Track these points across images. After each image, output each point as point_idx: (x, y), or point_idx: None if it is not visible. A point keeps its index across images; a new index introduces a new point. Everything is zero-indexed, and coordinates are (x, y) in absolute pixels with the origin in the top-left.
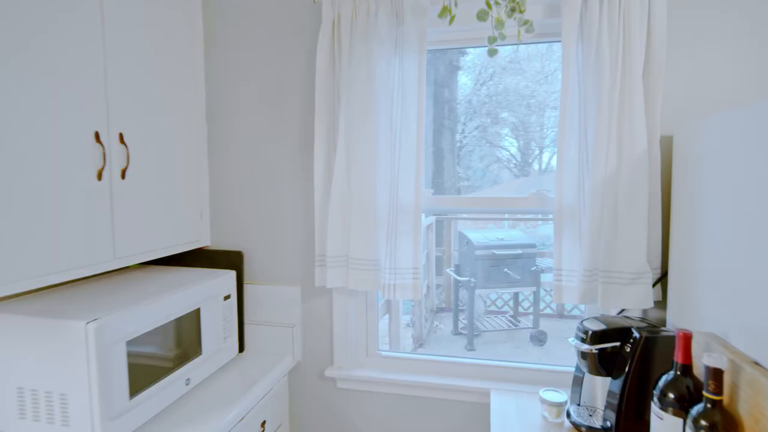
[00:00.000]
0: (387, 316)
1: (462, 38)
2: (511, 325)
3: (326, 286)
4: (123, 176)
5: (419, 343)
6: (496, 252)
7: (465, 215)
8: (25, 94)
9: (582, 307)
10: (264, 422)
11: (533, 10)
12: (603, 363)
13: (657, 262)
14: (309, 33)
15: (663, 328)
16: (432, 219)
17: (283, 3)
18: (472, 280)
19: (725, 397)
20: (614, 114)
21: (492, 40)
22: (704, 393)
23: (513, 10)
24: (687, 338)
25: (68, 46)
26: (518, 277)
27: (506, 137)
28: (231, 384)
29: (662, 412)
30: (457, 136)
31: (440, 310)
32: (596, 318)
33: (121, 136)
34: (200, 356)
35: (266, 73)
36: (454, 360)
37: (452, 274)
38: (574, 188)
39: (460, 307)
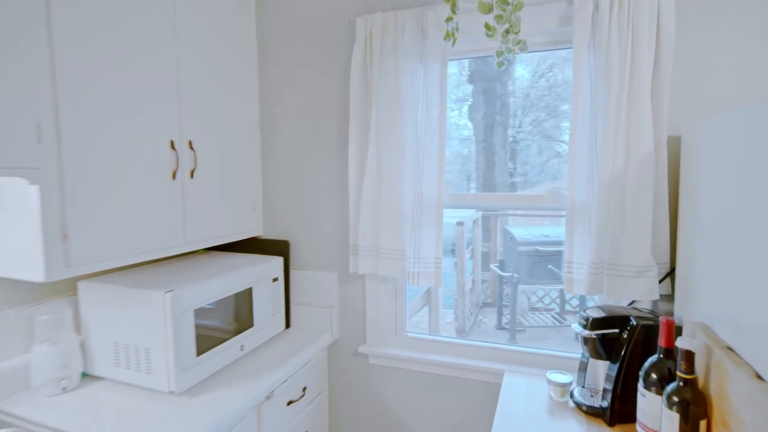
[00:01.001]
0: (427, 308)
1: (479, 48)
2: (556, 322)
3: (359, 272)
4: (192, 176)
5: (462, 335)
6: (540, 248)
7: (517, 212)
8: (124, 113)
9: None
10: (305, 388)
11: (549, 20)
12: (604, 348)
13: (666, 257)
14: (345, 49)
15: (654, 314)
16: (478, 215)
17: (322, 23)
18: (515, 275)
19: (701, 378)
20: (622, 118)
21: (500, 54)
22: (677, 372)
23: (508, 32)
24: (669, 324)
25: (152, 74)
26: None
27: (566, 131)
28: (277, 352)
29: (645, 391)
30: (510, 132)
31: (486, 305)
32: (600, 307)
33: (190, 143)
34: (252, 328)
35: (308, 85)
36: (473, 343)
37: (496, 269)
38: (585, 187)
39: (504, 303)
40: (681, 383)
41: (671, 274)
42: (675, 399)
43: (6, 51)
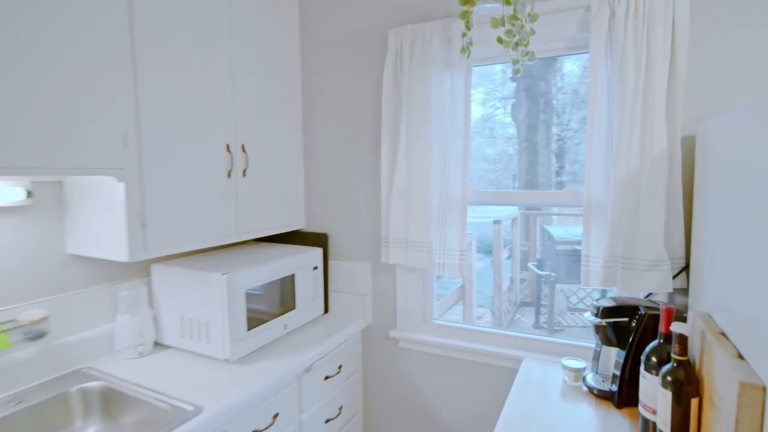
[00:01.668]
0: (461, 304)
1: (499, 55)
2: None
3: (389, 263)
4: (244, 175)
5: None
6: (578, 247)
7: (563, 211)
8: (189, 123)
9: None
10: (341, 366)
11: (568, 26)
12: (616, 336)
13: (681, 252)
14: (378, 58)
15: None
16: (517, 213)
17: (358, 34)
18: (553, 274)
19: (697, 362)
20: (636, 119)
21: (515, 62)
22: (672, 354)
23: (517, 44)
24: (669, 312)
25: (211, 89)
26: None
27: None
28: (316, 333)
29: (646, 373)
30: (556, 130)
31: (524, 304)
32: (612, 298)
33: (242, 146)
34: (294, 310)
35: (345, 92)
36: (495, 331)
37: (533, 268)
38: (601, 185)
39: (542, 303)
40: (675, 364)
41: (686, 269)
42: (669, 379)
43: (102, 79)
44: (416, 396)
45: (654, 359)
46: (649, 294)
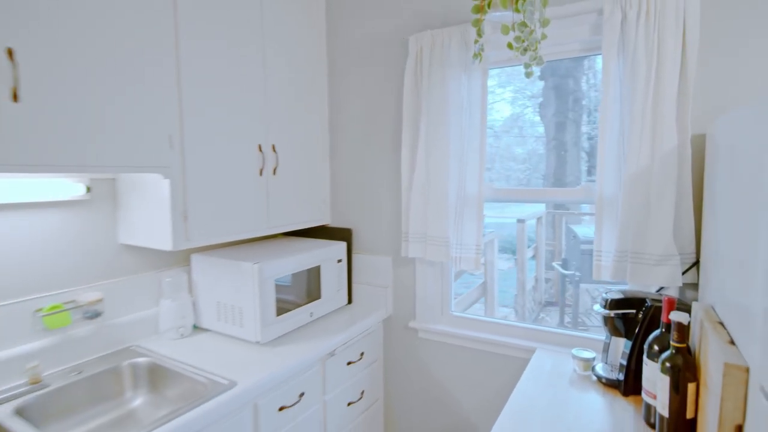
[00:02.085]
0: (483, 299)
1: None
2: None
3: (409, 256)
4: (274, 173)
5: None
6: None
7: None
8: (225, 126)
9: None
10: (362, 353)
11: (582, 29)
12: (624, 327)
13: (692, 248)
14: (399, 62)
15: (678, 301)
16: (542, 212)
17: (380, 40)
18: (577, 274)
19: (696, 350)
20: (647, 119)
21: (527, 65)
22: (671, 342)
23: (526, 50)
24: (671, 302)
25: (245, 95)
26: None
27: None
28: (340, 321)
29: (648, 360)
30: (586, 128)
31: (549, 303)
32: (621, 290)
33: (273, 147)
34: (320, 299)
35: (368, 94)
36: (510, 323)
37: (558, 267)
38: (613, 182)
39: (567, 303)
40: (673, 351)
41: (697, 264)
42: (667, 365)
43: (153, 93)
44: (434, 384)
45: (656, 347)
46: (661, 288)
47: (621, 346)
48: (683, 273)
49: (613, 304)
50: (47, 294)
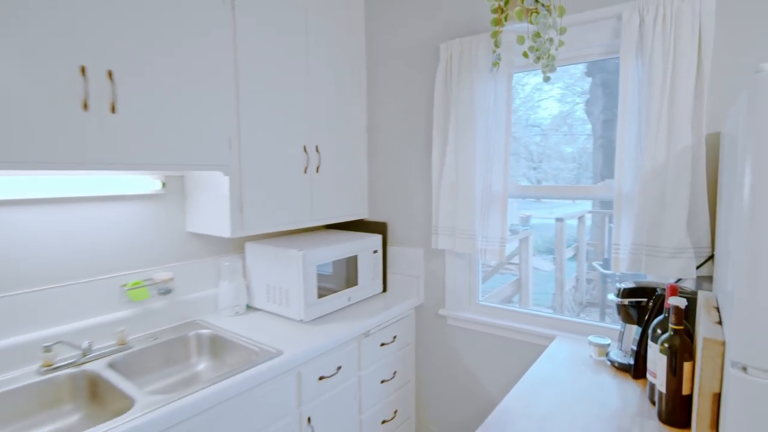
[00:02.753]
0: (518, 296)
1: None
2: None
3: (439, 248)
4: (317, 171)
5: None
6: None
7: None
8: (274, 129)
9: None
10: (395, 336)
11: (603, 33)
12: (637, 315)
13: (707, 242)
14: (431, 68)
15: (687, 291)
16: (585, 212)
17: (414, 48)
18: (618, 273)
19: (696, 333)
20: (663, 118)
21: (543, 71)
22: (669, 324)
23: (539, 58)
24: (673, 288)
25: (291, 100)
26: None
27: None
28: (375, 306)
29: (652, 343)
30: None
31: (590, 304)
32: (634, 281)
33: (317, 147)
34: (357, 286)
35: (402, 98)
36: (533, 312)
37: (598, 267)
38: (631, 179)
39: (608, 304)
40: (671, 333)
41: (712, 257)
42: (666, 345)
43: (216, 103)
44: (463, 371)
45: (659, 331)
46: (679, 280)
47: (633, 333)
48: (699, 266)
49: (626, 293)
50: (130, 272)
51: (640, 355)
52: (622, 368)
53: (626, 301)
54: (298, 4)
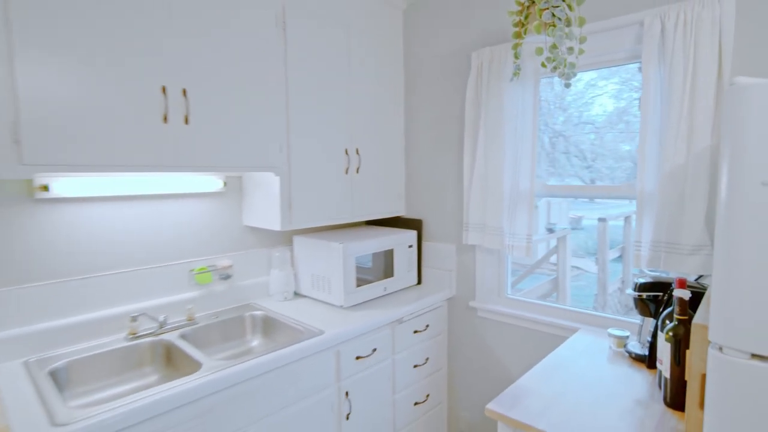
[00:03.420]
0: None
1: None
2: None
3: (469, 244)
4: (357, 171)
5: None
6: None
7: None
8: (318, 134)
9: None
10: (428, 325)
11: (627, 39)
12: (655, 308)
13: None
14: (463, 76)
15: (701, 285)
16: (632, 211)
17: (447, 56)
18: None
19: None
20: (683, 120)
21: (564, 78)
22: (675, 315)
23: (555, 68)
24: (682, 282)
25: (334, 109)
26: None
27: None
28: (409, 296)
29: (660, 333)
30: None
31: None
32: (651, 276)
33: (357, 150)
34: (393, 277)
35: (436, 103)
36: (558, 306)
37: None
38: (653, 178)
39: None
40: (676, 322)
41: None
42: (670, 334)
43: (269, 114)
44: (490, 356)
45: (668, 321)
46: (700, 276)
47: (650, 325)
48: None
49: (642, 287)
50: (197, 259)
51: (654, 345)
52: (638, 359)
53: (643, 295)
54: (341, 22)
